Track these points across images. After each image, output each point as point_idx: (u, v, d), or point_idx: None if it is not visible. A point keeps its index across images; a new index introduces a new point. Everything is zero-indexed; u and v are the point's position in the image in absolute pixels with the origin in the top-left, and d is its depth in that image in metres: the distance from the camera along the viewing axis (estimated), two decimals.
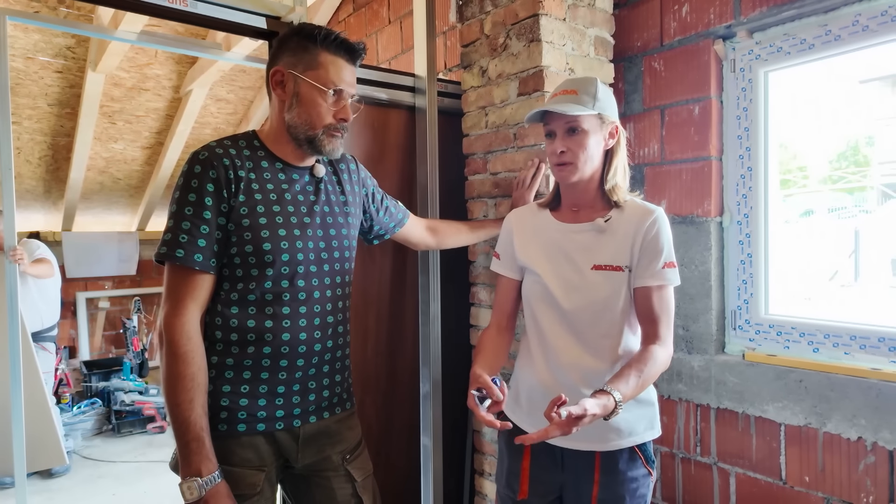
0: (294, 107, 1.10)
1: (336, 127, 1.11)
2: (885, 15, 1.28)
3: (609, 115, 1.15)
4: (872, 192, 7.97)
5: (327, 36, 1.08)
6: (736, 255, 1.55)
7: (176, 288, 1.04)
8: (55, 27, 2.72)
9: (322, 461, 1.17)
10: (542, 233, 1.24)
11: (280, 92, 1.11)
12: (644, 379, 1.02)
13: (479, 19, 1.69)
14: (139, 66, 3.41)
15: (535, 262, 1.22)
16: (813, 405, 1.36)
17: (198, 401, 1.01)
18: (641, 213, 1.14)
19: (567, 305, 1.16)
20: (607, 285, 1.14)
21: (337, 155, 1.14)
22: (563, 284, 1.17)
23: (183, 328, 1.02)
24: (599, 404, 0.93)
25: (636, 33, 1.69)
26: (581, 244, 1.18)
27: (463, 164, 1.79)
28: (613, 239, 1.15)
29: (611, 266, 1.14)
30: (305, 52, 1.08)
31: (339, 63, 1.09)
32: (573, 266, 1.17)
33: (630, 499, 1.14)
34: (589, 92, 1.13)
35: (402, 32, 2.75)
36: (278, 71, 1.10)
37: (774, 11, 1.41)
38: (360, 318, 1.71)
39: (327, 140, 1.11)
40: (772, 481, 1.44)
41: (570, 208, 1.23)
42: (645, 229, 1.12)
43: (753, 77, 1.51)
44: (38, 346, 3.12)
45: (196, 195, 1.03)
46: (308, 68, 1.08)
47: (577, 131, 1.14)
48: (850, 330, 1.36)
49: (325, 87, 1.08)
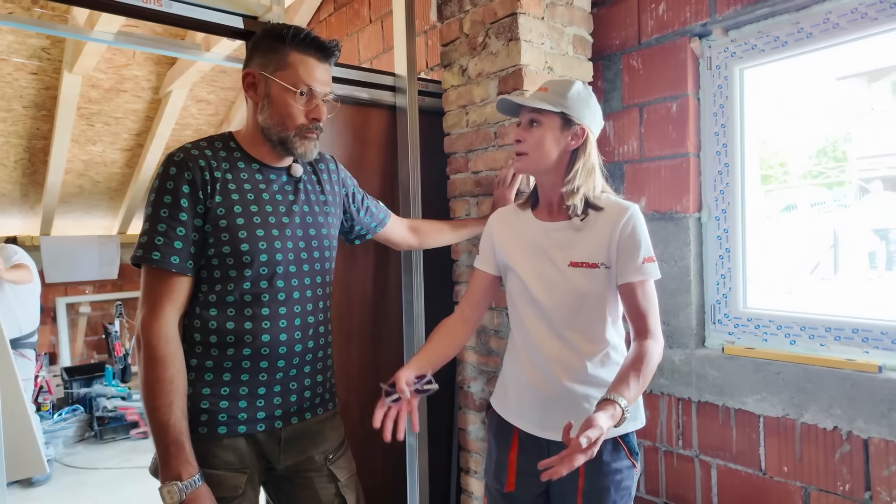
0: (266, 108, 1.09)
1: (309, 127, 1.10)
2: (854, 13, 1.31)
3: (577, 116, 1.16)
4: (851, 186, 8.13)
5: (296, 35, 1.07)
6: (714, 250, 1.58)
7: (153, 291, 1.03)
8: (29, 28, 2.67)
9: (304, 462, 1.17)
10: (523, 232, 1.26)
11: (252, 94, 1.11)
12: (644, 378, 1.05)
13: (458, 18, 1.69)
14: (117, 67, 3.36)
15: (515, 261, 1.24)
16: (790, 396, 1.38)
17: (176, 404, 1.00)
18: (617, 211, 1.16)
19: (545, 302, 1.18)
20: (584, 282, 1.15)
21: (310, 157, 1.14)
22: (542, 281, 1.19)
23: (160, 331, 1.01)
24: (608, 416, 0.95)
25: (614, 32, 1.71)
26: (559, 242, 1.19)
27: (445, 162, 1.80)
28: (590, 236, 1.17)
29: (587, 263, 1.15)
30: (274, 53, 1.08)
31: (310, 62, 1.08)
32: (552, 263, 1.19)
33: (615, 490, 1.15)
34: (559, 92, 1.17)
35: (384, 32, 2.75)
36: (249, 73, 1.10)
37: (749, 9, 1.43)
38: (344, 318, 1.71)
39: (300, 142, 1.10)
40: (752, 472, 1.46)
41: (547, 207, 1.25)
42: (621, 227, 1.14)
43: (729, 74, 1.53)
44: (17, 353, 3.06)
45: (172, 197, 1.02)
46: (278, 69, 1.07)
47: (536, 124, 1.17)
48: (825, 322, 1.39)
49: (293, 88, 1.07)
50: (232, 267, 1.06)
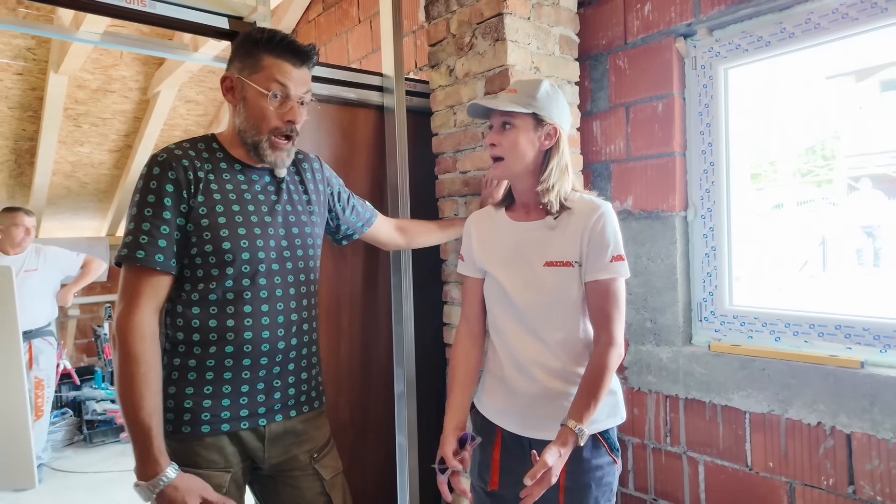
0: (242, 111, 1.11)
1: (282, 131, 1.11)
2: (835, 13, 1.32)
3: (548, 116, 1.17)
4: (839, 184, 8.22)
5: (270, 39, 1.08)
6: (700, 248, 1.59)
7: (132, 288, 1.03)
8: (14, 28, 2.65)
9: (289, 461, 1.17)
10: (498, 232, 1.26)
11: (230, 97, 1.12)
12: (599, 395, 1.10)
13: (445, 18, 1.70)
14: (104, 68, 3.34)
15: (491, 263, 1.25)
16: (775, 392, 1.40)
17: (148, 401, 1.00)
18: (588, 209, 1.17)
19: (520, 302, 1.19)
20: (558, 281, 1.16)
21: (282, 167, 1.15)
22: (517, 282, 1.20)
23: (136, 328, 1.01)
24: (556, 453, 1.03)
25: (601, 32, 1.72)
26: (533, 241, 1.20)
27: (433, 162, 1.80)
28: (563, 235, 1.18)
29: (561, 262, 1.16)
30: (250, 57, 1.09)
31: (284, 66, 1.09)
32: (527, 264, 1.20)
33: (596, 487, 1.16)
34: (528, 92, 1.17)
35: (373, 31, 2.74)
36: (227, 77, 1.12)
37: (732, 10, 1.45)
38: (333, 318, 1.70)
39: (270, 151, 1.11)
40: (738, 468, 1.48)
41: (521, 208, 1.26)
42: (591, 225, 1.15)
43: (714, 74, 1.54)
44: (42, 339, 3.12)
45: (155, 196, 1.03)
46: (253, 72, 1.09)
47: (509, 127, 1.17)
48: (809, 319, 1.41)
49: (266, 91, 1.08)
50: (214, 266, 1.07)
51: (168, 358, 1.09)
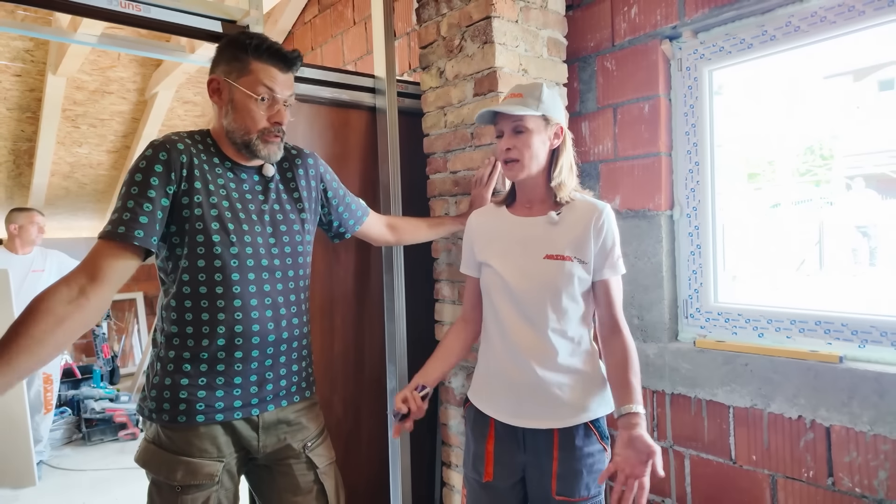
0: (230, 113, 1.14)
1: (271, 130, 1.15)
2: (814, 16, 1.35)
3: (554, 116, 1.23)
4: (837, 184, 8.23)
5: (259, 45, 1.12)
6: (686, 246, 1.62)
7: (98, 259, 1.02)
8: (12, 30, 2.67)
9: (283, 450, 1.21)
10: (501, 228, 1.31)
11: (217, 99, 1.16)
12: (638, 372, 1.19)
13: (435, 21, 1.72)
14: (102, 69, 3.36)
15: (493, 254, 1.29)
16: (758, 387, 1.43)
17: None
18: (590, 209, 1.23)
19: (519, 290, 1.23)
20: (557, 273, 1.21)
21: (275, 159, 1.19)
22: (517, 271, 1.25)
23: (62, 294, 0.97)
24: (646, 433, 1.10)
25: (589, 34, 1.74)
26: (535, 236, 1.25)
27: (424, 163, 1.83)
28: (564, 231, 1.23)
29: (560, 256, 1.22)
30: (237, 61, 1.13)
31: (272, 71, 1.13)
32: (528, 256, 1.25)
33: (587, 473, 1.20)
34: (534, 95, 1.22)
35: (367, 33, 2.77)
36: (214, 79, 1.15)
37: (716, 13, 1.48)
38: (326, 316, 1.73)
39: (262, 145, 1.15)
40: (723, 461, 1.51)
41: (525, 204, 1.31)
42: (597, 225, 1.21)
43: (699, 76, 1.57)
44: None
45: (143, 175, 1.06)
46: (240, 76, 1.12)
47: (523, 131, 1.22)
48: (790, 315, 1.44)
49: (255, 95, 1.12)
50: (202, 257, 1.10)
51: (163, 350, 1.12)
